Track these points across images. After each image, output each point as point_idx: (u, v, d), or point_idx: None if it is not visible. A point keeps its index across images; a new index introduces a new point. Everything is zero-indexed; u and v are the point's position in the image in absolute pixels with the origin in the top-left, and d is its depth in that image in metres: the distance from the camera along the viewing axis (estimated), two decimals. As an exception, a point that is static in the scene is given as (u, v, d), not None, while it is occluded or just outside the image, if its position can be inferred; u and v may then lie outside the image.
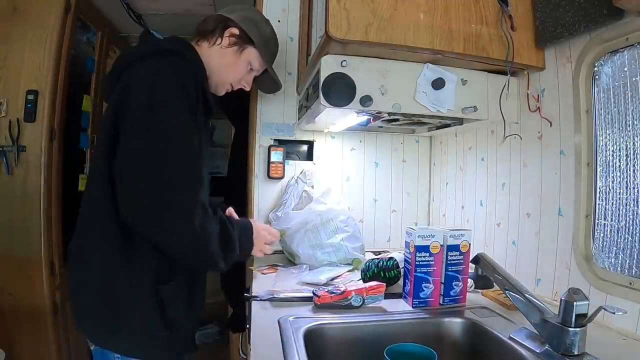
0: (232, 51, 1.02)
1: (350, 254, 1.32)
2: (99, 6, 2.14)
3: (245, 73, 1.07)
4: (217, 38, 1.01)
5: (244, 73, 1.07)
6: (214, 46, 1.02)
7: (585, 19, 0.87)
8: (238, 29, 1.02)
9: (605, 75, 0.90)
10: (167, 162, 0.79)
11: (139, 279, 0.85)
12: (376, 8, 0.92)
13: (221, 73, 1.03)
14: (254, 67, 1.08)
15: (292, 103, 1.56)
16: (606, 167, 0.89)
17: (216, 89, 1.06)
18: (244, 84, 1.09)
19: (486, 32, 1.00)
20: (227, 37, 1.01)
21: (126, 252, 0.85)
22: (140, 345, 0.87)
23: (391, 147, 1.67)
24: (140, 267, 0.85)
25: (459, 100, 1.07)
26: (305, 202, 1.43)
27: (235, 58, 1.03)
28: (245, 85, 1.10)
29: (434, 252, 0.95)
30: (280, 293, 0.98)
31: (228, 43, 1.01)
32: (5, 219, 1.73)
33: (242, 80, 1.08)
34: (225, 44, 1.01)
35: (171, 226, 0.79)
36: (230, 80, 1.06)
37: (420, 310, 0.93)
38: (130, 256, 0.85)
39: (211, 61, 1.00)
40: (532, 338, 0.75)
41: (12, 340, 1.74)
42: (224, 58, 1.02)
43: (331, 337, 0.84)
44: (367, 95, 1.01)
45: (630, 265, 0.82)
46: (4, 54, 1.73)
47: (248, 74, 1.08)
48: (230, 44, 1.02)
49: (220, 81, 1.04)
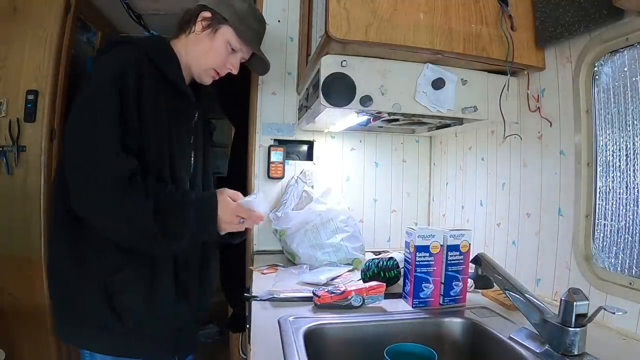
0: (206, 34, 0.99)
1: (350, 254, 1.32)
2: (99, 6, 2.14)
3: (227, 55, 1.02)
4: (192, 26, 1.00)
5: (224, 55, 1.01)
6: (190, 35, 1.00)
7: (585, 19, 0.87)
8: (210, 11, 0.99)
9: (605, 75, 0.90)
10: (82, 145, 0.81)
11: (88, 269, 0.86)
12: (376, 8, 0.92)
13: (199, 60, 1.00)
14: (235, 47, 1.02)
15: (292, 103, 1.56)
16: (606, 167, 0.89)
17: (200, 77, 1.04)
18: (229, 67, 1.04)
19: (486, 32, 1.00)
20: (199, 22, 0.99)
21: (77, 241, 0.86)
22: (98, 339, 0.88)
23: (391, 147, 1.67)
24: (91, 257, 0.86)
25: (459, 100, 1.07)
26: (305, 202, 1.43)
27: (210, 41, 0.99)
28: (232, 69, 1.05)
29: (434, 252, 0.95)
30: (280, 293, 0.98)
31: (201, 27, 0.99)
32: (5, 219, 1.72)
33: (226, 64, 1.03)
34: (199, 29, 0.99)
35: (90, 209, 0.80)
36: (211, 65, 1.01)
37: (420, 310, 0.93)
38: (82, 247, 0.86)
39: (189, 51, 0.99)
40: (532, 338, 0.75)
41: (12, 340, 1.74)
42: (199, 44, 1.00)
43: (331, 337, 0.84)
44: (367, 95, 1.01)
45: (630, 265, 0.82)
46: (4, 54, 1.73)
47: (231, 55, 1.03)
48: (203, 28, 0.99)
49: (201, 68, 1.02)
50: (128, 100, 0.84)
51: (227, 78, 1.09)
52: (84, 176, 0.80)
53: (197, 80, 1.04)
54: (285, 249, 1.39)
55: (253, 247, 1.53)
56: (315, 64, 1.07)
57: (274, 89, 1.54)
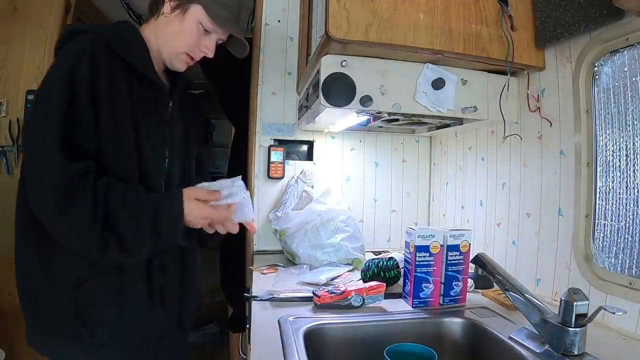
0: (175, 15, 0.91)
1: (350, 254, 1.32)
2: (99, 6, 2.14)
3: (199, 36, 0.92)
4: (160, 7, 0.92)
5: (195, 37, 0.92)
6: (159, 17, 0.92)
7: (585, 19, 0.87)
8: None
9: (605, 75, 0.90)
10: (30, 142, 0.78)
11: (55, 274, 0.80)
12: (376, 8, 0.92)
13: (169, 43, 0.92)
14: (208, 28, 0.92)
15: (292, 103, 1.56)
16: (606, 167, 0.89)
17: (172, 63, 0.95)
18: (203, 50, 0.94)
19: (486, 32, 1.00)
20: (167, 3, 0.91)
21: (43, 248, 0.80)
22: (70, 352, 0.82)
23: (391, 147, 1.67)
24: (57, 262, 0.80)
25: (459, 100, 1.07)
26: (305, 202, 1.43)
27: (180, 22, 0.91)
28: (206, 52, 0.95)
29: (434, 252, 0.95)
30: (280, 293, 0.98)
31: (170, 8, 0.91)
32: (6, 219, 1.72)
33: (200, 46, 0.93)
34: (167, 10, 0.91)
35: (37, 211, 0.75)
36: (182, 48, 0.92)
37: (420, 310, 0.93)
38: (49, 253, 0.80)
39: (159, 34, 0.92)
40: (532, 338, 0.75)
41: (12, 340, 1.74)
42: (169, 26, 0.91)
43: (331, 337, 0.84)
44: (367, 95, 1.01)
45: (630, 265, 0.82)
46: (4, 54, 1.73)
47: (205, 37, 0.93)
48: (172, 9, 0.90)
49: (172, 53, 0.93)
50: (80, 94, 0.76)
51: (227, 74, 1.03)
52: (30, 176, 0.76)
53: (169, 66, 0.95)
54: (285, 249, 1.39)
55: (253, 247, 1.53)
56: (315, 64, 1.07)
57: (274, 89, 1.54)
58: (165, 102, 0.94)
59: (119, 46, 0.85)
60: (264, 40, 1.54)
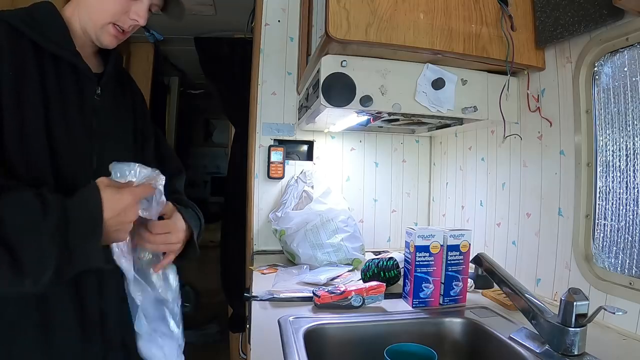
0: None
1: (350, 254, 1.32)
2: None
3: (126, 2, 0.79)
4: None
5: (121, 3, 0.79)
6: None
7: (585, 19, 0.87)
8: None
9: (605, 75, 0.90)
10: None
11: None
12: (376, 8, 0.92)
13: (91, 16, 0.79)
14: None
15: (292, 103, 1.56)
16: (606, 167, 0.89)
17: (99, 39, 0.81)
18: (133, 17, 0.81)
19: (486, 32, 1.00)
20: None
21: None
22: None
23: (391, 147, 1.67)
24: None
25: (459, 100, 1.07)
26: (305, 202, 1.43)
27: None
28: (137, 19, 0.81)
29: (434, 252, 0.95)
30: (280, 293, 0.98)
31: None
32: None
33: (128, 13, 0.80)
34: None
35: None
36: (107, 18, 0.79)
37: (420, 310, 0.93)
38: None
39: (80, 10, 0.79)
40: (532, 338, 0.75)
41: (12, 340, 1.74)
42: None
43: (331, 337, 0.84)
44: (367, 95, 1.01)
45: (630, 265, 0.82)
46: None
47: (134, 3, 0.80)
48: None
49: (97, 26, 0.79)
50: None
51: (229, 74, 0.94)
52: None
53: (97, 43, 0.82)
54: (285, 249, 1.39)
55: (253, 247, 1.53)
56: (315, 64, 1.07)
57: (274, 89, 1.54)
58: (92, 88, 0.80)
59: (29, 29, 0.72)
60: (264, 40, 1.54)
